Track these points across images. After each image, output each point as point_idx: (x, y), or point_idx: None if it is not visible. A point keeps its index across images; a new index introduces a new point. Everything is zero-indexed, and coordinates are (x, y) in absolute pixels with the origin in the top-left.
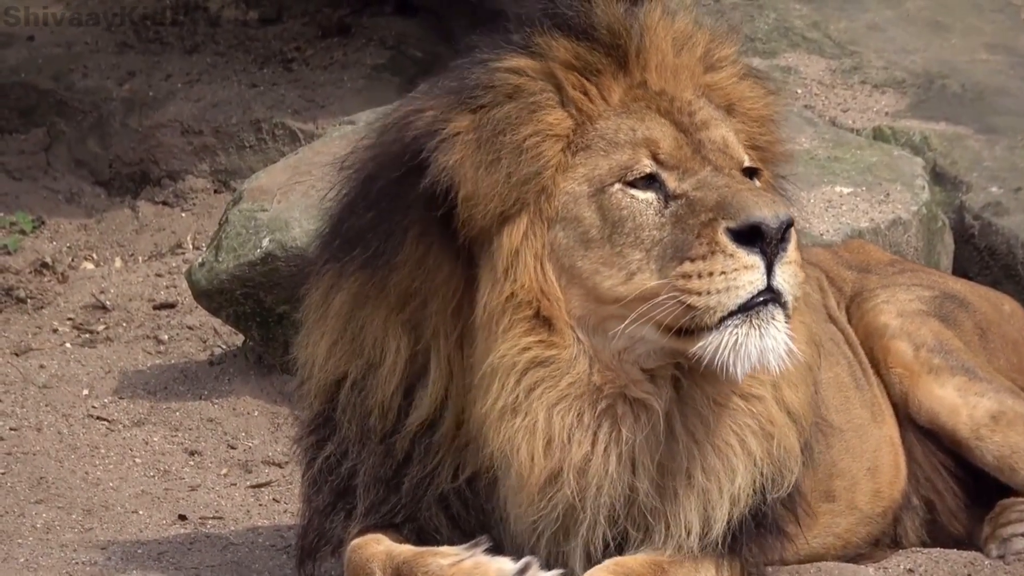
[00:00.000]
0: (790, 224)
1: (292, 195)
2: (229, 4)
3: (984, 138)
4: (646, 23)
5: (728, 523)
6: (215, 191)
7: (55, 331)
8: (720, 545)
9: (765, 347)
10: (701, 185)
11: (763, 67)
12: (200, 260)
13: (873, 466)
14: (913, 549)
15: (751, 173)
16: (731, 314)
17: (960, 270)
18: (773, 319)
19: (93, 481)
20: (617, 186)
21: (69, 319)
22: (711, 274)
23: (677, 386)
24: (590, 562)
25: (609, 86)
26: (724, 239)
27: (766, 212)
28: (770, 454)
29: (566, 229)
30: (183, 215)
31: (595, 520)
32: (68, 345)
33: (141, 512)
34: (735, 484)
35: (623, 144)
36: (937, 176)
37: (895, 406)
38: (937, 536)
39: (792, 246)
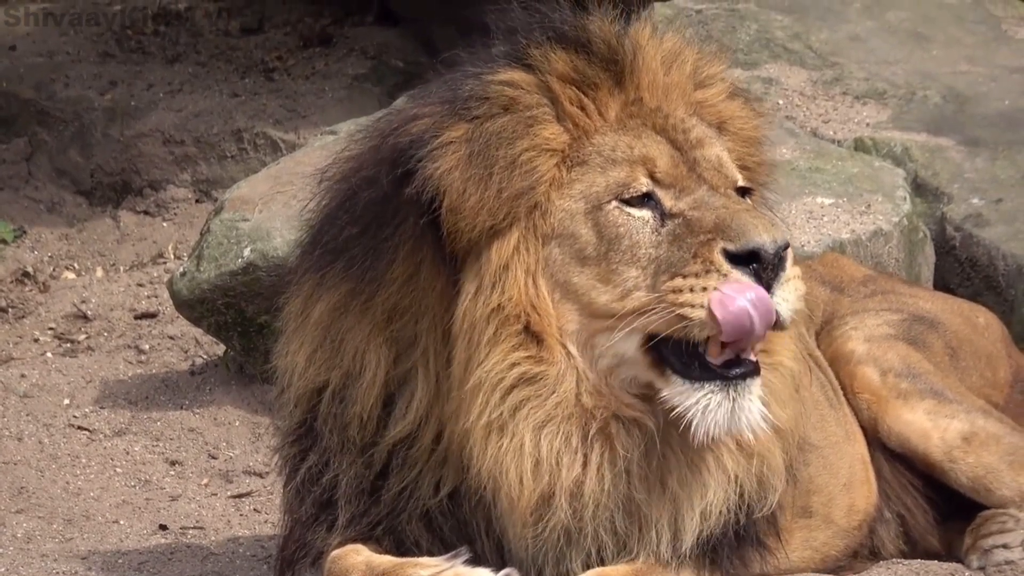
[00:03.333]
0: (786, 247)
1: (273, 205)
2: (211, 14)
3: (965, 149)
4: (638, 40)
5: (697, 537)
6: (196, 201)
7: (36, 340)
8: (702, 556)
9: (736, 420)
10: (698, 205)
11: (744, 78)
12: (181, 270)
13: (848, 482)
14: (894, 560)
15: (743, 192)
16: (710, 374)
17: (941, 281)
18: (749, 392)
19: (74, 491)
20: (614, 203)
21: (50, 328)
22: (704, 289)
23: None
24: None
25: (606, 102)
26: (720, 259)
27: (765, 237)
28: (750, 472)
29: (562, 245)
30: (164, 225)
31: (596, 534)
32: (49, 355)
33: (122, 522)
34: (705, 500)
35: (620, 161)
36: (918, 187)
37: (864, 430)
38: (913, 548)
39: (789, 264)
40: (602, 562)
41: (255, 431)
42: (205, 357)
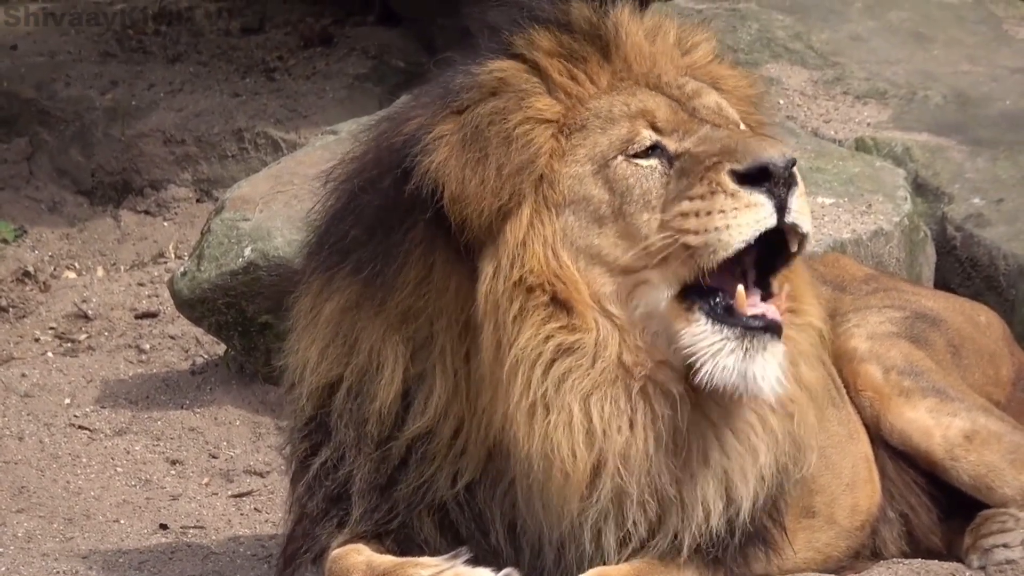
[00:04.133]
0: (794, 163)
1: (274, 204)
2: (212, 14)
3: (966, 149)
4: (619, 18)
5: (754, 503)
6: (197, 200)
7: (37, 340)
8: (705, 553)
9: (746, 374)
10: (703, 140)
11: None
12: (182, 269)
13: (851, 481)
14: (894, 560)
15: None
16: (727, 323)
17: (942, 281)
18: (764, 349)
19: (74, 490)
20: (620, 158)
21: (51, 328)
22: (709, 213)
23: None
24: (622, 546)
25: (596, 71)
26: (726, 179)
27: (773, 152)
28: (790, 433)
29: (576, 212)
30: (165, 224)
31: (643, 502)
32: (50, 354)
33: (122, 521)
34: (758, 463)
35: (619, 118)
36: (919, 187)
37: (867, 428)
38: (915, 547)
39: (800, 180)
40: (640, 546)
41: (256, 431)
42: (206, 357)
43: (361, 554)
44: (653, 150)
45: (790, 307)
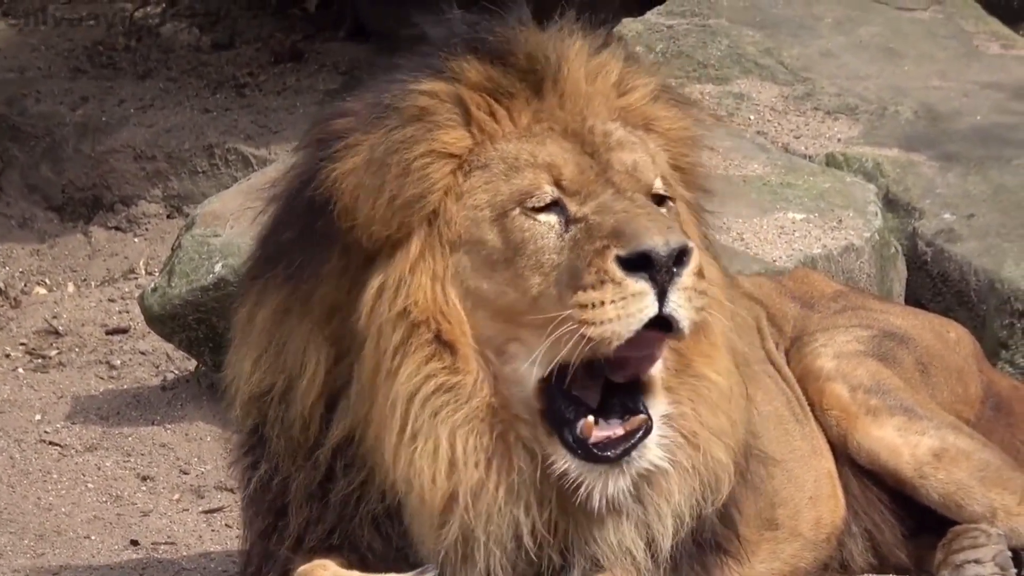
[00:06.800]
0: (683, 251)
1: (245, 220)
2: (182, 29)
3: (937, 165)
4: (565, 53)
5: (675, 540)
6: (168, 216)
7: (7, 356)
8: (659, 566)
9: (638, 477)
10: (601, 209)
11: (716, 93)
12: (153, 285)
13: (814, 495)
14: (863, 575)
15: (660, 200)
16: (598, 452)
17: (913, 297)
18: (640, 459)
19: (45, 506)
20: (518, 210)
21: (21, 344)
22: (602, 303)
23: None
24: None
25: (520, 109)
26: (613, 267)
27: (657, 239)
28: (703, 465)
29: (470, 253)
30: (136, 240)
31: (491, 544)
32: (20, 370)
33: (93, 537)
34: (673, 501)
35: (524, 168)
36: (890, 203)
37: (833, 447)
38: (883, 563)
39: (688, 271)
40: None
41: (227, 446)
42: (176, 373)
43: (327, 569)
44: (552, 206)
45: (683, 362)
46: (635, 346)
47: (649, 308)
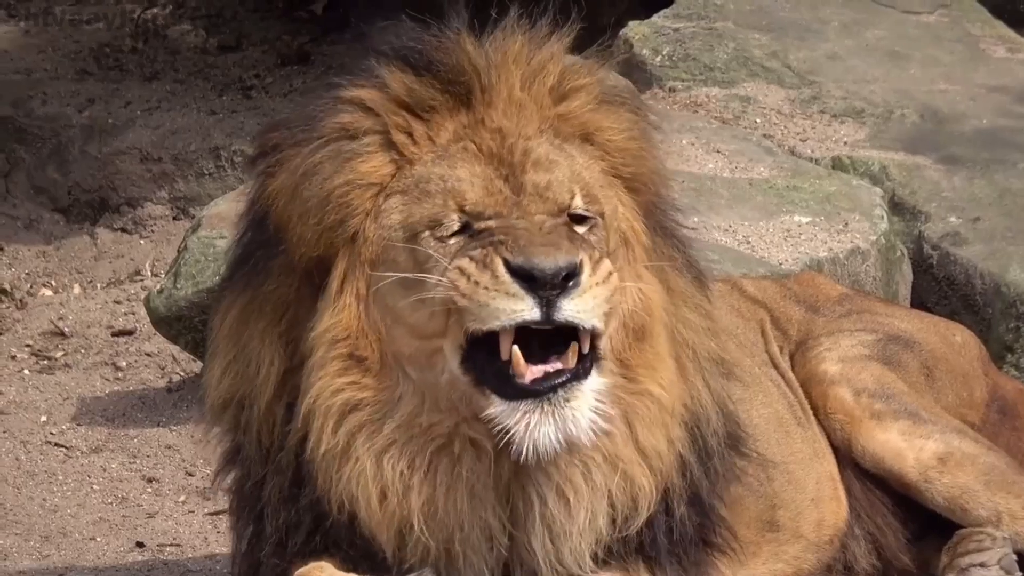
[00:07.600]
0: (572, 272)
1: None
2: (188, 32)
3: (943, 168)
4: (500, 58)
5: (582, 556)
6: (174, 218)
7: (13, 358)
8: (632, 559)
9: (565, 431)
10: (502, 227)
11: (722, 96)
12: (159, 287)
13: (816, 497)
14: None
15: (581, 219)
16: (523, 393)
17: (918, 300)
18: (570, 401)
19: (51, 508)
20: (427, 234)
21: (27, 346)
22: (477, 283)
23: None
24: None
25: (441, 124)
26: (497, 261)
27: (546, 262)
28: (621, 488)
29: (387, 272)
30: (142, 242)
31: (469, 552)
32: (26, 372)
33: (99, 539)
34: (581, 518)
35: (434, 193)
36: (896, 206)
37: (837, 451)
38: (887, 566)
39: (579, 291)
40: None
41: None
42: (182, 374)
43: (324, 572)
44: (462, 231)
45: (627, 373)
46: None
47: (527, 312)
